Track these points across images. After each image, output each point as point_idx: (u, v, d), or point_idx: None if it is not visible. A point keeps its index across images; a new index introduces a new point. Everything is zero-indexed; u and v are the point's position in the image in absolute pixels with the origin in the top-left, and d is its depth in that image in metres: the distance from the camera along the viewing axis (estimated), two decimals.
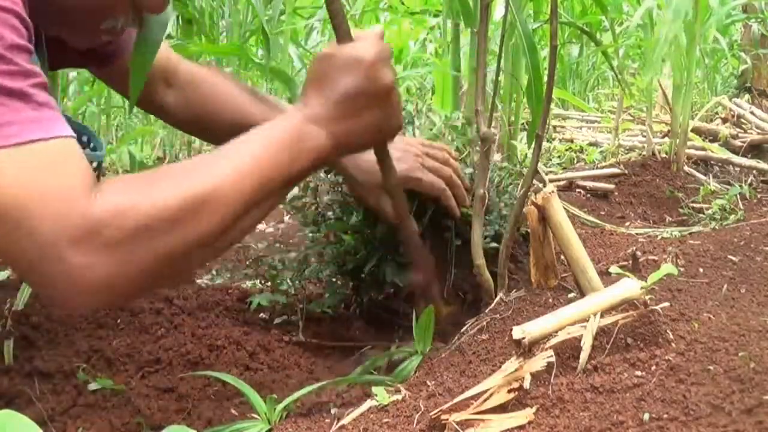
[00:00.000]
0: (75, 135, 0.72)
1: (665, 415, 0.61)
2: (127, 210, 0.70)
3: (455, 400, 0.70)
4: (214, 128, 1.14)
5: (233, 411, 0.90)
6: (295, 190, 1.24)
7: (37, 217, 0.66)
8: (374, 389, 0.80)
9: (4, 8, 0.67)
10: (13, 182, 0.66)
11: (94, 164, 0.86)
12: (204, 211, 0.73)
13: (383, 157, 0.96)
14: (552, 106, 2.84)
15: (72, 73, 2.70)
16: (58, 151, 0.70)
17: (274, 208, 0.87)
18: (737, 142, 2.42)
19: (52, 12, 0.76)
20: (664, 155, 2.15)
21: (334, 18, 0.87)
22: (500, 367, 0.73)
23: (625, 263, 1.10)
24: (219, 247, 0.78)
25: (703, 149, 2.27)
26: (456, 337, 0.94)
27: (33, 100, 0.68)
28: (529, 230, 1.00)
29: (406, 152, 1.10)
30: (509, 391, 0.68)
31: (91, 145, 0.90)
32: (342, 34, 0.86)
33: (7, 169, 0.66)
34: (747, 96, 3.64)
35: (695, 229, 1.54)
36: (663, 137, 2.50)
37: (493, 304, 0.97)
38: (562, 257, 0.97)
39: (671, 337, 0.75)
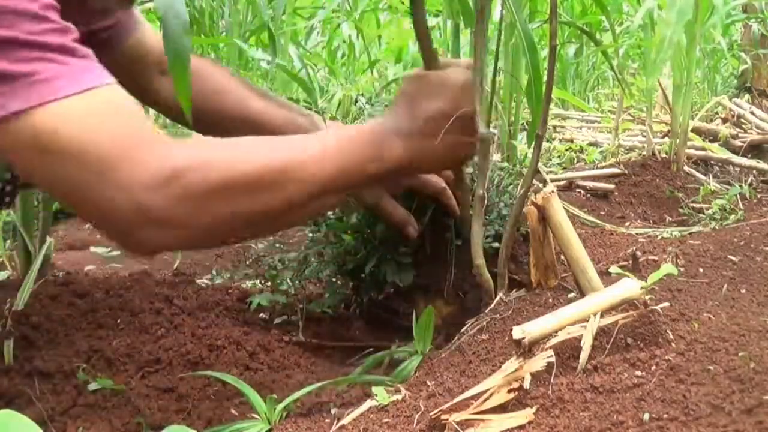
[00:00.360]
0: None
1: (665, 415, 0.61)
2: (212, 163, 0.74)
3: (455, 400, 0.70)
4: (209, 119, 1.13)
5: (233, 411, 0.90)
6: None
7: (115, 160, 0.71)
8: (374, 389, 0.80)
9: None
10: (84, 128, 0.70)
11: None
12: (286, 182, 0.77)
13: (459, 177, 1.03)
14: (552, 106, 2.84)
15: None
16: (114, 95, 0.75)
17: (337, 204, 0.93)
18: (737, 142, 2.41)
19: None
20: (664, 155, 2.15)
21: (421, 41, 0.92)
22: (500, 367, 0.73)
23: (625, 263, 1.10)
24: (287, 221, 0.84)
25: (703, 149, 2.26)
26: (456, 337, 0.94)
27: (78, 53, 0.73)
28: (529, 230, 1.00)
29: None
30: (509, 391, 0.68)
31: None
32: (429, 58, 0.92)
33: (74, 116, 0.70)
34: (747, 96, 3.63)
35: (695, 229, 1.54)
36: (663, 137, 2.50)
37: (493, 304, 0.97)
38: (562, 257, 0.97)
39: (671, 337, 0.75)
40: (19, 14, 0.69)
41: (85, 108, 0.71)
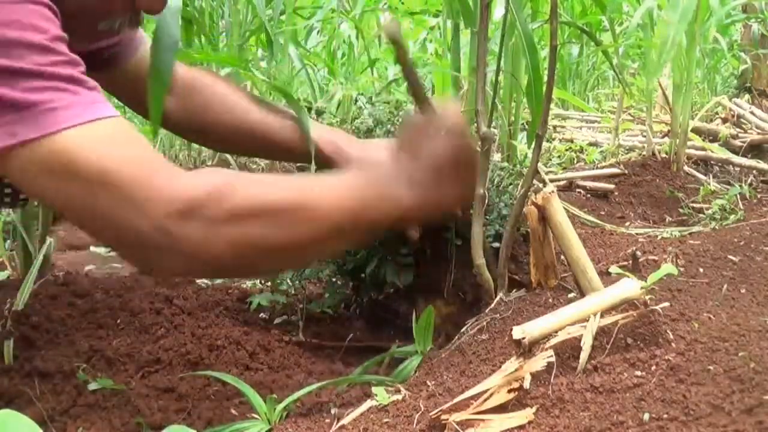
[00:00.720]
0: None
1: (665, 415, 0.61)
2: (233, 192, 0.75)
3: (455, 400, 0.70)
4: (213, 133, 1.14)
5: (233, 411, 0.90)
6: None
7: (136, 187, 0.72)
8: (374, 389, 0.80)
9: (39, 2, 0.73)
10: (102, 154, 0.72)
11: None
12: (305, 217, 0.78)
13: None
14: (552, 106, 2.84)
15: None
16: (125, 126, 0.76)
17: (344, 246, 0.94)
18: (737, 142, 2.42)
19: None
20: (664, 155, 2.15)
21: (413, 86, 0.92)
22: (500, 367, 0.73)
23: (625, 263, 1.10)
24: (303, 257, 0.84)
25: (703, 149, 2.27)
26: (456, 337, 0.94)
27: (87, 84, 0.74)
28: (529, 230, 1.00)
29: None
30: (509, 391, 0.68)
31: None
32: (420, 99, 0.92)
33: (91, 143, 0.71)
34: (747, 96, 3.64)
35: (695, 229, 1.54)
36: (663, 137, 2.50)
37: (493, 304, 0.97)
38: (562, 257, 0.97)
39: (671, 337, 0.75)
40: (28, 46, 0.70)
41: (101, 135, 0.73)
